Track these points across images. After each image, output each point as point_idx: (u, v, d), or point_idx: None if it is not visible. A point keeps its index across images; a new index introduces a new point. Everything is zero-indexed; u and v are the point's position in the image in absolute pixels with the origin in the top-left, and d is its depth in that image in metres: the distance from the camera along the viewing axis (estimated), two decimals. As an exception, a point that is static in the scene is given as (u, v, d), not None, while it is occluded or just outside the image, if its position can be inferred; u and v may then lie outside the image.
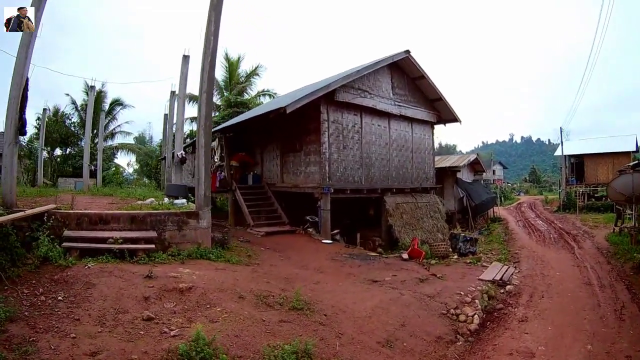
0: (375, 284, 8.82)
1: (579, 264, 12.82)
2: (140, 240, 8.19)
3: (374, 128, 16.07)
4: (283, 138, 16.78)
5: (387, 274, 9.64)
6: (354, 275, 9.46)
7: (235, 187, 17.12)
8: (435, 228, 17.61)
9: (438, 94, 17.84)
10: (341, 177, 14.74)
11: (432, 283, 9.26)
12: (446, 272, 11.34)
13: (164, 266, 7.48)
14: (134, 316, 5.39)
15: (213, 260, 8.60)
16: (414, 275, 9.74)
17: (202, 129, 9.94)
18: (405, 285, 8.78)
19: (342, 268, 10.06)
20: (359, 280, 9.06)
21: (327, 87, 13.46)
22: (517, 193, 58.75)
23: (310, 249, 12.23)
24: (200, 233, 9.18)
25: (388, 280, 9.07)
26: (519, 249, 16.28)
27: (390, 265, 10.68)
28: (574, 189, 31.44)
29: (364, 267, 10.23)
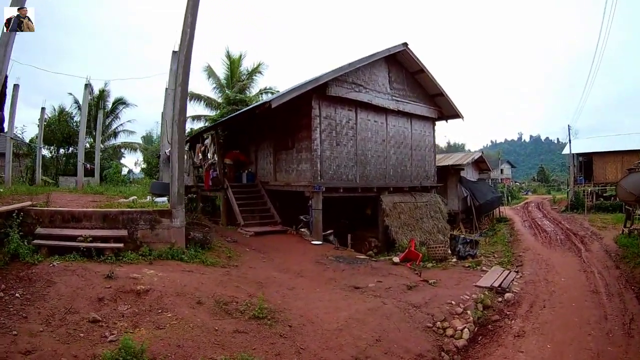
0: (357, 291, 8.01)
1: (585, 268, 11.84)
2: (110, 239, 7.86)
3: (369, 124, 15.20)
4: (276, 135, 15.99)
5: (372, 280, 8.80)
6: (335, 280, 8.67)
7: (227, 186, 16.38)
8: (435, 229, 16.68)
9: (439, 88, 16.89)
10: (334, 175, 13.91)
11: (421, 290, 8.38)
12: (441, 277, 10.46)
13: (130, 266, 7.09)
14: (81, 317, 5.10)
15: (185, 261, 8.13)
16: (401, 281, 8.86)
17: (176, 124, 9.35)
18: (390, 293, 7.93)
19: (325, 272, 9.30)
20: (340, 286, 8.26)
21: (316, 80, 12.64)
22: (525, 192, 57.29)
23: (297, 251, 11.52)
24: (174, 232, 8.70)
25: (371, 287, 8.23)
26: (523, 251, 15.31)
27: (378, 269, 9.82)
28: (582, 188, 30.19)
29: (348, 272, 9.42)
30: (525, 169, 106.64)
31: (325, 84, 13.33)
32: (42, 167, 30.59)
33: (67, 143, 31.99)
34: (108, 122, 34.61)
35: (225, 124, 16.76)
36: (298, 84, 12.51)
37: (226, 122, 16.51)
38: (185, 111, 9.74)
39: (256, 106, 12.85)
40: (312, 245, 12.29)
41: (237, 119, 16.15)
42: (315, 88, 13.25)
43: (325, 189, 13.51)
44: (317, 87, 13.22)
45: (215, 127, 17.07)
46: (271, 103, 11.88)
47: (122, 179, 30.36)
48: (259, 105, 12.63)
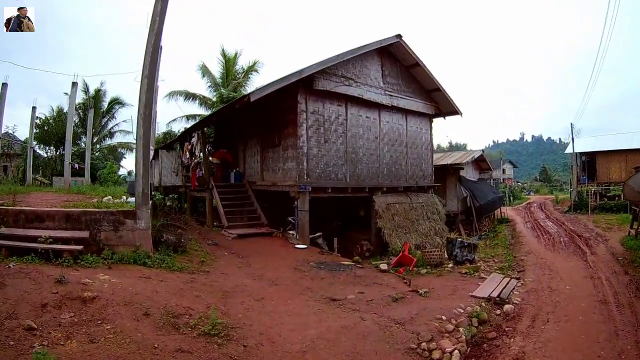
0: (333, 303, 7.03)
1: (592, 274, 10.76)
2: (70, 240, 7.44)
3: (361, 120, 14.18)
4: (263, 132, 15.04)
5: (353, 291, 7.81)
6: (311, 290, 7.70)
7: (212, 186, 15.41)
8: (432, 231, 15.62)
9: (435, 83, 15.84)
10: (321, 174, 12.92)
11: (408, 303, 7.38)
12: (434, 285, 9.44)
13: (86, 270, 6.59)
14: (19, 324, 4.63)
15: (149, 266, 7.54)
16: (387, 292, 7.85)
17: (141, 117, 8.53)
18: (371, 307, 6.95)
19: (302, 280, 8.35)
20: (315, 297, 7.30)
21: (300, 72, 11.66)
22: (527, 192, 55.92)
23: (278, 255, 10.60)
24: (138, 235, 8.12)
25: (351, 299, 7.24)
26: (526, 255, 14.25)
27: (362, 278, 8.79)
28: (585, 188, 29.00)
29: (327, 281, 8.43)
30: (527, 169, 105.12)
31: (312, 77, 12.36)
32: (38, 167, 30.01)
33: (63, 143, 31.22)
34: (104, 122, 33.83)
35: (211, 121, 15.77)
36: (280, 77, 11.48)
37: (212, 120, 15.52)
38: (151, 105, 9.08)
39: (236, 101, 11.88)
40: (296, 249, 11.35)
41: (223, 115, 15.18)
42: (302, 82, 12.31)
43: (312, 188, 12.54)
44: (303, 80, 12.28)
45: (201, 125, 16.07)
46: (250, 97, 10.96)
47: (117, 180, 29.58)
48: (238, 99, 11.68)
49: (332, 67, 12.94)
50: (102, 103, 32.73)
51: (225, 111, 13.57)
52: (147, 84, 8.54)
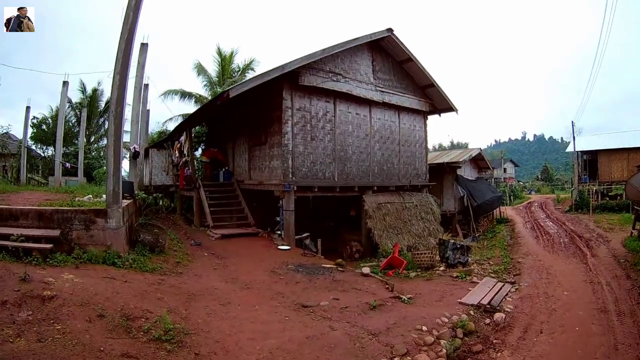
0: (304, 310, 6.39)
1: (592, 278, 10.03)
2: (41, 239, 7.19)
3: (350, 117, 13.49)
4: (251, 130, 14.41)
5: (328, 296, 7.14)
6: (283, 295, 7.08)
7: (199, 185, 14.78)
8: (426, 232, 14.90)
9: (429, 79, 15.11)
10: (308, 173, 12.25)
11: (386, 311, 6.69)
12: (421, 290, 8.74)
13: (52, 269, 6.32)
14: None
15: (118, 266, 7.27)
16: (365, 298, 7.15)
17: (112, 114, 8.14)
18: (345, 315, 6.28)
19: (275, 284, 7.73)
20: (286, 303, 6.69)
21: (283, 67, 11.01)
22: (528, 192, 54.93)
23: (258, 257, 10.01)
24: (109, 234, 7.85)
25: (323, 306, 6.58)
26: (523, 257, 13.52)
27: (340, 282, 8.09)
28: (586, 187, 28.14)
29: (302, 285, 7.78)
30: (529, 168, 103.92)
31: (297, 73, 11.71)
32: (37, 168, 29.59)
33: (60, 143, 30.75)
34: (101, 121, 33.36)
35: (196, 119, 15.10)
36: (262, 72, 10.83)
37: (197, 118, 14.83)
38: (122, 101, 8.44)
39: (216, 97, 11.24)
40: (278, 250, 10.77)
41: (207, 112, 14.45)
42: (287, 77, 11.71)
43: (298, 188, 11.89)
44: (289, 76, 11.68)
45: (188, 123, 15.44)
46: (229, 92, 10.34)
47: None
48: (218, 95, 11.02)
49: (319, 62, 12.29)
50: (99, 102, 32.29)
51: (207, 108, 12.91)
52: (118, 80, 8.14)
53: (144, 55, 14.85)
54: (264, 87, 12.13)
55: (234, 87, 10.47)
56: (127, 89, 8.69)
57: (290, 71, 11.49)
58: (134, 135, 14.82)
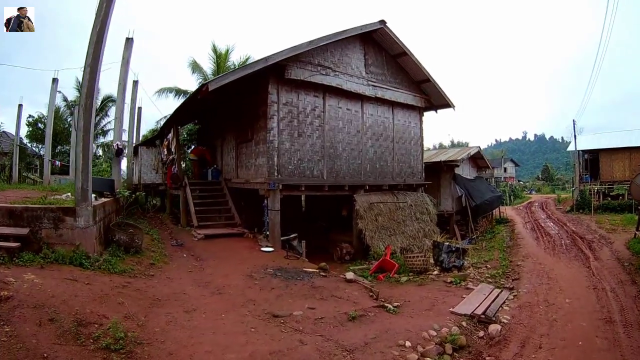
0: (274, 320, 5.68)
1: (595, 284, 9.24)
2: (10, 237, 6.93)
3: (341, 112, 12.72)
4: (238, 126, 13.65)
5: (303, 305, 6.40)
6: (254, 302, 6.38)
7: (185, 183, 14.08)
8: (421, 233, 14.13)
9: (424, 73, 14.32)
10: (294, 171, 11.49)
11: (367, 322, 5.95)
12: (411, 297, 7.99)
13: (17, 269, 5.98)
14: None
15: (85, 267, 6.89)
16: (345, 307, 6.39)
17: (82, 108, 7.80)
18: (319, 327, 5.56)
19: (249, 290, 7.01)
20: (256, 311, 6.00)
21: (265, 60, 10.27)
22: (529, 192, 53.94)
23: (239, 259, 9.29)
24: (78, 233, 7.48)
25: (296, 316, 5.85)
26: (523, 259, 12.74)
27: (319, 289, 7.31)
28: (588, 187, 27.25)
29: (277, 291, 7.02)
30: (530, 168, 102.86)
31: (283, 66, 10.96)
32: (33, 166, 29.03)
33: (58, 141, 30.27)
34: (97, 120, 32.63)
35: (182, 115, 14.36)
36: (244, 64, 10.08)
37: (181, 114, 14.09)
38: (92, 95, 8.01)
39: (195, 91, 10.50)
40: (261, 252, 10.03)
41: (190, 109, 13.71)
42: (273, 71, 10.99)
43: (283, 186, 11.16)
44: (275, 69, 10.95)
45: (174, 119, 14.69)
46: (208, 85, 9.63)
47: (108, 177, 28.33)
48: (197, 89, 10.27)
49: (307, 55, 11.55)
50: (95, 101, 31.54)
51: (189, 103, 12.14)
52: (89, 72, 7.73)
53: (129, 50, 14.13)
54: (250, 82, 11.44)
55: (213, 80, 9.77)
56: (98, 82, 8.16)
57: (276, 64, 10.77)
58: (118, 132, 14.09)
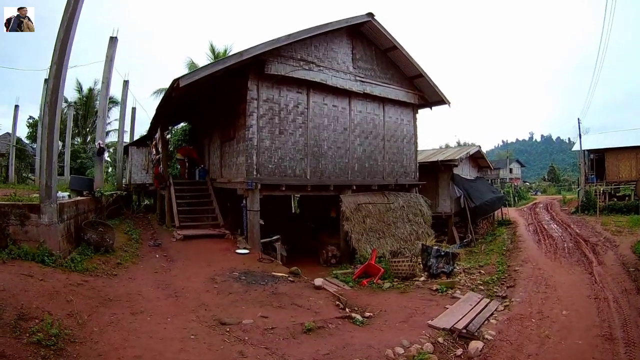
0: (220, 328, 5.13)
1: (597, 293, 8.31)
2: None
3: (326, 109, 11.91)
4: (222, 124, 12.95)
5: (257, 312, 5.73)
6: (206, 307, 5.85)
7: (170, 183, 13.42)
8: (414, 235, 13.22)
9: (417, 68, 13.44)
10: (275, 170, 10.73)
11: (325, 336, 5.20)
12: (389, 306, 7.17)
13: None
14: None
15: (46, 263, 6.74)
16: (304, 317, 5.64)
17: (47, 105, 7.53)
18: (267, 338, 4.89)
19: (205, 294, 6.50)
20: (206, 317, 5.45)
21: (240, 54, 9.54)
22: (534, 192, 52.44)
23: (210, 261, 8.66)
24: (42, 230, 7.40)
25: (246, 325, 5.20)
26: (521, 264, 11.83)
27: (281, 296, 6.56)
28: (593, 188, 26.05)
29: (234, 297, 6.38)
30: (536, 169, 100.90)
31: (263, 60, 10.22)
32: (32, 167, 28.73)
33: (59, 142, 29.94)
34: (96, 120, 32.29)
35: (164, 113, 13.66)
36: (217, 59, 9.37)
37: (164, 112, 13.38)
38: (58, 91, 7.65)
39: (168, 88, 9.79)
40: (235, 254, 9.35)
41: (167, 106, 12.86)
42: (254, 66, 10.27)
43: (263, 186, 10.40)
44: (255, 64, 10.23)
45: (157, 118, 14.01)
46: (180, 81, 8.92)
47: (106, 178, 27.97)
48: (170, 86, 9.54)
49: (289, 49, 10.80)
50: (94, 102, 31.25)
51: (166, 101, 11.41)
52: (55, 69, 7.50)
53: (112, 49, 13.59)
54: (233, 78, 10.74)
55: (184, 76, 9.03)
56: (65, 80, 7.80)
57: (256, 60, 10.06)
58: (100, 132, 13.55)
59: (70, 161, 25.17)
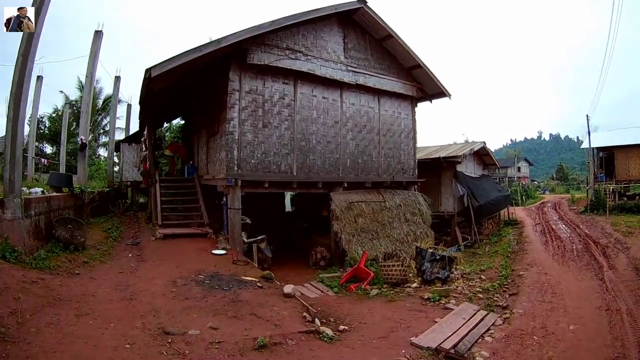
0: (162, 338, 4.50)
1: (608, 302, 7.31)
2: None
3: (315, 101, 10.97)
4: (208, 119, 12.10)
5: (207, 322, 4.97)
6: (156, 314, 5.20)
7: (156, 180, 12.64)
8: (411, 236, 12.23)
9: (414, 58, 12.41)
10: (258, 165, 9.83)
11: (280, 354, 4.49)
12: (370, 318, 6.27)
13: None
14: None
15: (7, 259, 6.49)
16: (259, 330, 4.82)
17: (12, 97, 7.23)
18: (211, 353, 4.25)
19: (160, 299, 5.82)
20: (151, 325, 4.85)
21: (218, 42, 8.66)
22: (542, 191, 50.80)
23: (181, 261, 7.95)
24: (6, 225, 7.15)
25: (191, 336, 4.53)
26: (526, 268, 10.86)
27: (240, 304, 5.67)
28: (602, 187, 24.72)
29: (189, 303, 5.66)
30: (545, 168, 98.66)
31: (246, 49, 9.35)
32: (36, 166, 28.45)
33: (55, 141, 29.56)
34: (99, 119, 31.85)
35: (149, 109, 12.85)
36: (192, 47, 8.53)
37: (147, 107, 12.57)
38: (23, 84, 7.27)
39: (143, 80, 8.95)
40: (211, 255, 8.53)
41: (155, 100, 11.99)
42: (236, 56, 9.44)
43: (244, 182, 9.53)
44: (237, 54, 9.41)
45: (142, 113, 13.18)
46: (151, 71, 8.11)
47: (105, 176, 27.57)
48: (144, 77, 8.69)
49: (274, 37, 9.91)
50: (97, 101, 30.78)
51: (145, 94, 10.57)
52: (21, 62, 7.26)
53: (97, 43, 13.04)
54: (218, 69, 9.92)
55: (155, 67, 8.20)
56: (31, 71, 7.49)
57: (237, 48, 9.19)
58: (83, 127, 12.87)
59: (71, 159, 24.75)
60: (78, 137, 13.33)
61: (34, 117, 19.40)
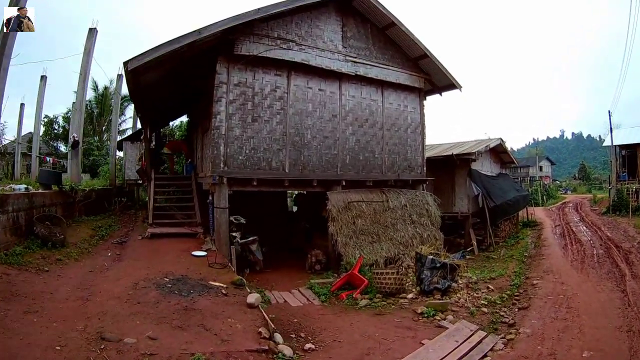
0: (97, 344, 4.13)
1: (630, 322, 6.25)
2: None
3: (311, 93, 10.11)
4: (203, 115, 11.49)
5: (148, 330, 4.50)
6: (102, 317, 4.83)
7: (151, 178, 12.16)
8: (417, 239, 11.25)
9: (420, 47, 11.38)
10: (246, 162, 9.10)
11: None
12: (347, 335, 5.47)
13: None
14: None
15: None
16: (202, 345, 4.25)
17: None
18: None
19: (112, 301, 5.44)
20: (93, 328, 4.50)
21: (198, 31, 7.95)
22: (564, 191, 48.43)
23: (157, 262, 7.45)
24: None
25: (126, 344, 4.14)
26: (542, 276, 9.79)
27: (193, 312, 5.03)
28: (625, 186, 23.01)
29: (139, 308, 5.18)
30: (567, 168, 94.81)
31: (233, 40, 8.63)
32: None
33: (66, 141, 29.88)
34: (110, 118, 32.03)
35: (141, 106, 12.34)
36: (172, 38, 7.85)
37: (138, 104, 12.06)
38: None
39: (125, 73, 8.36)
40: (190, 256, 7.93)
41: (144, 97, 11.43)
42: (223, 46, 8.75)
43: (231, 180, 8.81)
44: (225, 45, 8.71)
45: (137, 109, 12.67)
46: (128, 64, 7.50)
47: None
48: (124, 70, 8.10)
49: (264, 26, 9.14)
50: (110, 100, 30.93)
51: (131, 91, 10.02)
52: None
53: (91, 40, 12.67)
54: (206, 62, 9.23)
55: (132, 60, 7.58)
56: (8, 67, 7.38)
57: (223, 38, 8.50)
58: (76, 124, 12.51)
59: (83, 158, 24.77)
60: (69, 134, 12.98)
61: (38, 116, 19.28)
